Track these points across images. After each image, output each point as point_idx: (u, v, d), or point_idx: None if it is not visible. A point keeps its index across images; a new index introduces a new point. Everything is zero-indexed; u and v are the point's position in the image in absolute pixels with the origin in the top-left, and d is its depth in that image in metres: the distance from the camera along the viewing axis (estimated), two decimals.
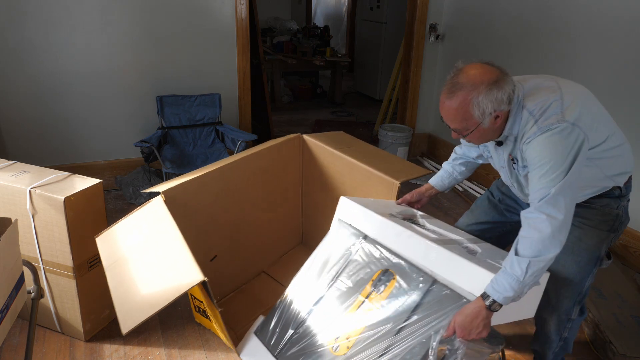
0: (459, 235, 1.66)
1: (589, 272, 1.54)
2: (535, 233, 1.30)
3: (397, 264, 1.57)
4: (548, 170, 1.30)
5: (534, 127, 1.34)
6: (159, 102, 3.24)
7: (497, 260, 1.46)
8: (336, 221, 1.80)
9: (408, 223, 1.64)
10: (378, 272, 1.59)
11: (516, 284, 1.30)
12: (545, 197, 1.29)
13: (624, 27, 2.61)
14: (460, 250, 1.46)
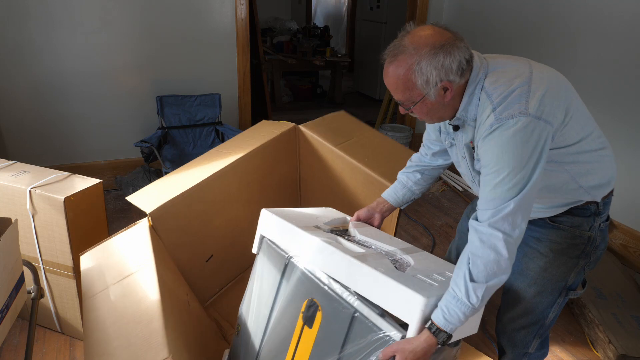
0: (393, 245, 1.47)
1: (552, 303, 1.35)
2: (491, 254, 1.10)
3: (321, 290, 1.34)
4: (505, 177, 1.09)
5: (491, 116, 1.12)
6: (159, 102, 3.24)
7: (430, 274, 1.28)
8: (258, 238, 1.57)
9: (334, 236, 1.44)
10: (305, 302, 1.39)
11: (470, 312, 1.12)
12: (501, 211, 1.09)
13: (624, 26, 2.61)
14: (386, 266, 1.27)
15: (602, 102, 2.78)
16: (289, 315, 1.42)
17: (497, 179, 1.10)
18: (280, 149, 2.27)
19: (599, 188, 1.26)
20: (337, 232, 1.52)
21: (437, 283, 1.21)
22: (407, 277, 1.21)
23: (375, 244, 1.46)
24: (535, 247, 1.32)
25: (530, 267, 1.33)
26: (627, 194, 2.72)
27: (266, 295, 1.51)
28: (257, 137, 2.19)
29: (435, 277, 1.26)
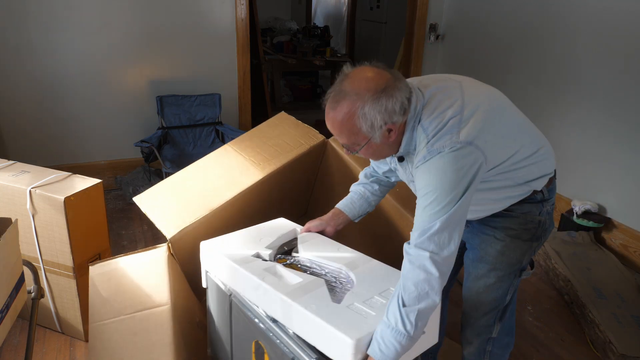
0: (338, 261, 1.39)
1: (509, 284, 1.40)
2: (421, 273, 1.10)
3: (263, 334, 1.29)
4: (433, 201, 1.11)
5: (424, 149, 1.15)
6: (159, 102, 3.24)
7: (370, 297, 1.21)
8: (204, 273, 1.53)
9: (273, 265, 1.36)
10: (253, 343, 1.36)
11: (406, 341, 1.08)
12: (427, 232, 1.11)
13: (623, 29, 2.61)
14: (321, 299, 1.20)
15: (601, 102, 2.78)
16: (244, 356, 1.41)
17: (425, 202, 1.13)
18: (306, 161, 2.11)
19: (539, 180, 1.31)
20: (280, 255, 1.46)
21: (374, 311, 1.15)
22: (340, 311, 1.15)
23: (319, 262, 1.39)
24: (492, 234, 1.36)
25: (488, 252, 1.37)
26: (627, 194, 2.72)
27: (223, 334, 1.50)
28: (282, 146, 2.02)
29: (376, 300, 1.20)
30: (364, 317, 1.14)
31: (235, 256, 1.39)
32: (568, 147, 3.02)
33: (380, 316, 1.13)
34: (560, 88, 3.02)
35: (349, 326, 1.09)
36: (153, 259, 1.66)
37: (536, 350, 2.08)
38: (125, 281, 1.62)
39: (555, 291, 2.50)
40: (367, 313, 1.15)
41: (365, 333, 1.08)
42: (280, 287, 1.24)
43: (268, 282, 1.26)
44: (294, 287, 1.24)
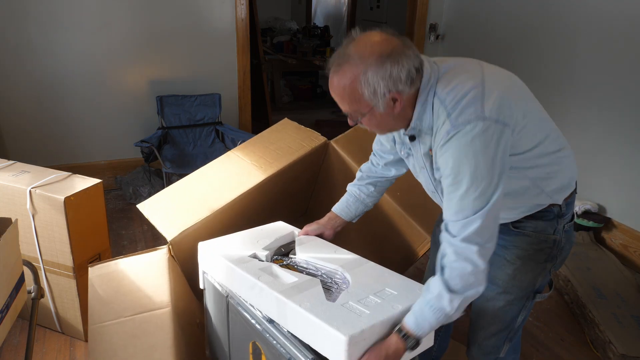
0: (335, 262, 1.38)
1: (521, 308, 1.33)
2: (468, 266, 1.07)
3: (260, 334, 1.28)
4: (469, 188, 1.05)
5: (447, 123, 1.07)
6: (159, 102, 3.24)
7: (365, 297, 1.20)
8: (201, 274, 1.54)
9: (269, 265, 1.36)
10: (250, 344, 1.35)
11: (444, 320, 1.09)
12: (472, 224, 1.06)
13: (624, 29, 2.61)
14: (316, 298, 1.19)
15: (601, 102, 2.78)
16: (242, 357, 1.40)
17: (460, 190, 1.06)
18: (307, 162, 2.11)
19: (560, 191, 1.23)
20: (277, 256, 1.45)
21: (368, 309, 1.14)
22: (334, 309, 1.14)
23: (316, 263, 1.39)
24: (502, 255, 1.27)
25: (498, 276, 1.28)
26: (627, 194, 2.72)
27: (221, 335, 1.49)
28: (284, 149, 2.02)
29: (371, 300, 1.19)
30: (358, 315, 1.13)
31: (232, 257, 1.39)
32: None
33: (375, 315, 1.12)
34: (560, 88, 3.02)
35: (343, 323, 1.09)
36: (153, 260, 1.65)
37: (536, 350, 2.08)
38: (125, 283, 1.62)
39: (555, 291, 2.50)
40: (361, 311, 1.14)
41: (358, 330, 1.07)
42: (275, 286, 1.24)
43: (263, 281, 1.26)
44: (288, 286, 1.24)
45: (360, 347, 1.08)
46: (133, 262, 1.67)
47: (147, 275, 1.63)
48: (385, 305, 1.17)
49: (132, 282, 1.62)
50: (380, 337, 1.13)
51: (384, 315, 1.13)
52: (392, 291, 1.23)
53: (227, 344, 1.47)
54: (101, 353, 1.52)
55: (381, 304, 1.17)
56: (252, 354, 1.35)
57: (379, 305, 1.16)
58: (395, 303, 1.17)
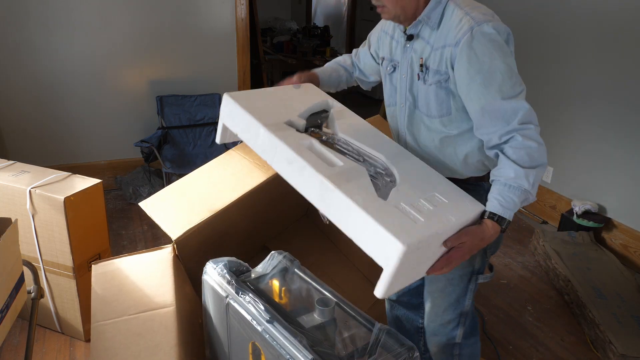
0: (378, 148, 1.27)
1: (465, 289, 1.39)
2: (533, 144, 1.13)
3: (259, 334, 1.25)
4: (505, 77, 1.13)
5: (466, 18, 1.14)
6: (159, 102, 3.24)
7: (416, 201, 1.11)
8: (221, 128, 1.36)
9: (308, 138, 1.24)
10: (250, 344, 1.33)
11: (524, 196, 1.14)
12: (521, 108, 1.13)
13: (624, 30, 2.61)
14: (366, 190, 1.10)
15: (601, 103, 2.78)
16: (242, 357, 1.39)
17: (495, 82, 1.12)
18: None
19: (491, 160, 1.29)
20: (313, 129, 1.32)
21: (422, 216, 1.06)
22: (388, 208, 1.05)
23: (359, 147, 1.27)
24: None
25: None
26: (627, 194, 2.72)
27: (221, 336, 1.49)
28: None
29: (422, 204, 1.10)
30: (413, 221, 1.04)
31: (267, 120, 1.24)
32: (568, 147, 3.02)
33: (430, 224, 1.06)
34: (560, 88, 3.02)
35: (400, 229, 1.00)
36: (158, 259, 1.65)
37: (536, 350, 2.09)
38: (129, 281, 1.62)
39: (555, 291, 2.50)
40: (415, 217, 1.05)
41: (416, 240, 0.99)
42: (319, 167, 1.12)
43: (306, 158, 1.13)
44: (334, 171, 1.12)
45: (411, 258, 1.01)
46: (137, 261, 1.66)
47: (151, 274, 1.63)
48: (439, 214, 1.09)
49: (136, 281, 1.62)
50: (431, 249, 1.07)
51: (440, 227, 1.06)
52: (442, 198, 1.15)
53: (226, 345, 1.47)
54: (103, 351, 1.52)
55: (435, 212, 1.09)
56: (252, 354, 1.34)
57: (433, 214, 1.09)
58: (448, 214, 1.10)
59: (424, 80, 1.24)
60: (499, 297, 2.43)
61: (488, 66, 1.12)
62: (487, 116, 1.15)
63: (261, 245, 2.29)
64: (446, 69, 1.18)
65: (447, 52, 1.17)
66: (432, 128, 1.28)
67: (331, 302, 1.32)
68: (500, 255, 2.81)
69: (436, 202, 1.14)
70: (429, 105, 1.26)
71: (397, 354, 1.17)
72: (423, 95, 1.26)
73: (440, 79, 1.20)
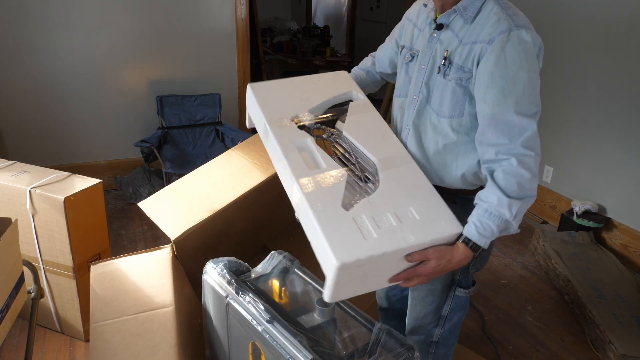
0: (377, 151, 1.23)
1: (445, 298, 1.37)
2: (526, 173, 1.08)
3: (259, 334, 1.25)
4: (526, 90, 1.07)
5: (506, 19, 1.08)
6: (159, 102, 3.24)
7: (383, 214, 1.09)
8: (248, 115, 1.45)
9: (304, 137, 1.23)
10: (250, 344, 1.33)
11: (504, 225, 1.10)
12: (528, 129, 1.08)
13: (625, 29, 2.60)
14: (332, 197, 1.09)
15: (601, 103, 2.78)
16: (242, 357, 1.39)
17: (516, 92, 1.07)
18: None
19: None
20: (319, 125, 1.30)
21: (377, 234, 1.04)
22: (343, 220, 1.05)
23: (356, 147, 1.24)
24: None
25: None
26: (627, 194, 2.72)
27: (221, 336, 1.49)
28: None
29: (387, 219, 1.08)
30: (364, 236, 1.04)
31: (274, 113, 1.26)
32: (568, 147, 3.02)
33: (381, 243, 1.04)
34: (561, 88, 3.02)
35: (343, 244, 1.01)
36: (157, 259, 1.65)
37: (536, 350, 2.08)
38: (128, 281, 1.62)
39: (555, 291, 2.50)
40: (368, 233, 1.05)
41: (353, 259, 0.99)
42: (298, 170, 1.14)
43: (290, 159, 1.16)
44: (310, 175, 1.14)
45: (351, 273, 1.01)
46: (136, 261, 1.66)
47: (150, 274, 1.62)
48: (397, 232, 1.06)
49: (135, 281, 1.62)
50: (386, 265, 1.06)
51: (390, 247, 1.03)
52: (414, 214, 1.11)
53: (226, 345, 1.47)
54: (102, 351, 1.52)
55: (395, 229, 1.07)
56: (252, 354, 1.34)
57: (391, 231, 1.06)
58: (409, 233, 1.06)
59: (444, 74, 1.17)
60: (499, 297, 2.43)
61: (513, 74, 1.07)
62: (493, 125, 1.10)
63: (261, 245, 2.29)
64: (471, 66, 1.12)
65: (477, 48, 1.11)
66: (439, 129, 1.21)
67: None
68: (500, 255, 2.81)
69: (405, 217, 1.10)
70: (441, 103, 1.19)
71: (397, 354, 1.17)
72: (439, 91, 1.19)
73: (463, 76, 1.14)
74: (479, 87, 1.11)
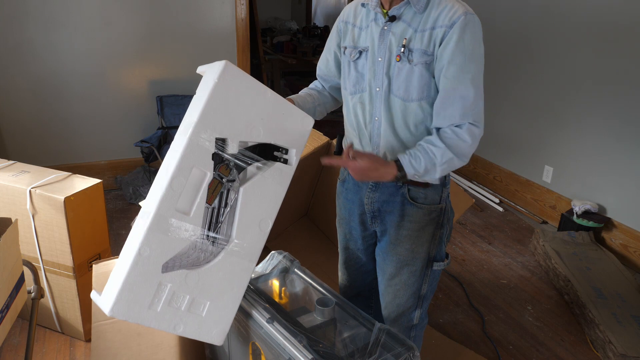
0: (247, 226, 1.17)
1: (424, 276, 1.43)
2: (469, 139, 1.21)
3: (259, 335, 1.26)
4: (477, 71, 1.20)
5: (459, 6, 1.19)
6: (159, 102, 3.24)
7: (196, 292, 1.11)
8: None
9: (209, 168, 1.11)
10: (250, 344, 1.33)
11: (431, 167, 1.21)
12: (478, 105, 1.21)
13: (626, 30, 2.61)
14: (163, 244, 1.07)
15: (601, 103, 2.78)
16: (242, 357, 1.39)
17: (472, 69, 1.19)
18: (309, 162, 2.16)
19: None
20: (230, 164, 1.16)
21: (161, 309, 1.08)
22: (149, 278, 1.05)
23: (235, 210, 1.16)
24: (401, 232, 1.38)
25: (399, 252, 1.39)
26: (627, 194, 2.72)
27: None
28: None
29: (182, 301, 1.11)
30: (149, 306, 1.07)
31: (211, 119, 1.12)
32: (568, 147, 3.02)
33: (158, 318, 1.08)
34: (561, 89, 3.02)
35: (128, 300, 1.04)
36: None
37: (536, 350, 2.09)
38: None
39: (555, 291, 2.50)
40: (156, 304, 1.07)
41: (123, 318, 1.04)
42: (170, 200, 1.06)
43: (174, 183, 1.06)
44: (171, 216, 1.07)
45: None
46: None
47: None
48: (175, 317, 1.10)
49: None
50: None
51: (159, 326, 1.09)
52: (204, 311, 1.14)
53: (227, 345, 1.47)
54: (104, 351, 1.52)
55: (175, 314, 1.10)
56: (252, 354, 1.34)
57: (171, 314, 1.10)
58: (182, 324, 1.11)
59: (407, 60, 1.23)
60: (499, 297, 2.43)
61: (470, 52, 1.18)
62: (452, 98, 1.21)
63: None
64: (433, 49, 1.21)
65: (438, 32, 1.20)
66: (407, 113, 1.28)
67: (331, 302, 1.32)
68: (500, 255, 2.81)
69: (196, 309, 1.12)
70: (407, 88, 1.25)
71: (397, 353, 1.17)
72: (402, 77, 1.25)
73: (427, 59, 1.22)
74: (441, 63, 1.21)
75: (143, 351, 1.49)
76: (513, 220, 3.24)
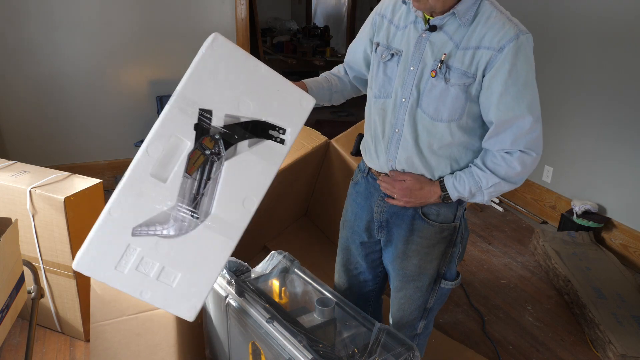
0: (230, 199, 1.11)
1: (430, 291, 1.39)
2: (518, 166, 1.15)
3: (259, 334, 1.24)
4: (534, 96, 1.12)
5: (510, 25, 1.08)
6: (159, 102, 3.25)
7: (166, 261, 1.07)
8: None
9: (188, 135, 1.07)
10: (250, 344, 1.32)
11: (476, 190, 1.19)
12: (535, 131, 1.13)
13: (625, 30, 2.61)
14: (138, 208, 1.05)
15: (601, 103, 2.78)
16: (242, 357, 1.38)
17: (528, 97, 1.11)
18: (308, 162, 2.15)
19: None
20: (215, 136, 1.10)
21: (129, 272, 1.07)
22: (118, 239, 1.05)
23: (217, 184, 1.10)
24: (410, 248, 1.34)
25: (407, 267, 1.36)
26: (627, 194, 2.72)
27: (221, 336, 1.48)
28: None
29: (151, 268, 1.08)
30: (115, 266, 1.07)
31: (195, 89, 1.13)
32: (568, 147, 3.02)
33: (124, 280, 1.08)
34: (561, 88, 3.02)
35: (94, 257, 1.08)
36: None
37: (536, 350, 2.09)
38: None
39: (555, 291, 2.50)
40: (123, 266, 1.06)
41: (88, 273, 1.08)
42: (145, 164, 1.07)
43: (151, 148, 1.07)
44: (146, 180, 1.06)
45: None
46: None
47: None
48: (142, 283, 1.08)
49: None
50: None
51: (124, 288, 1.08)
52: (174, 281, 1.09)
53: (226, 345, 1.47)
54: (103, 351, 1.52)
55: (143, 280, 1.08)
56: (252, 354, 1.35)
57: (139, 279, 1.07)
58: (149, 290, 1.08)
59: (444, 78, 1.12)
60: (499, 297, 2.43)
61: (524, 78, 1.10)
62: (505, 126, 1.13)
63: (261, 245, 2.30)
64: (475, 71, 1.10)
65: (483, 54, 1.09)
66: (433, 132, 1.19)
67: (331, 302, 1.32)
68: (500, 255, 2.81)
69: (166, 278, 1.09)
70: (438, 108, 1.15)
71: (397, 353, 1.18)
72: (436, 95, 1.15)
73: (467, 82, 1.11)
74: (490, 95, 1.12)
75: (142, 351, 1.49)
76: (513, 220, 3.24)
